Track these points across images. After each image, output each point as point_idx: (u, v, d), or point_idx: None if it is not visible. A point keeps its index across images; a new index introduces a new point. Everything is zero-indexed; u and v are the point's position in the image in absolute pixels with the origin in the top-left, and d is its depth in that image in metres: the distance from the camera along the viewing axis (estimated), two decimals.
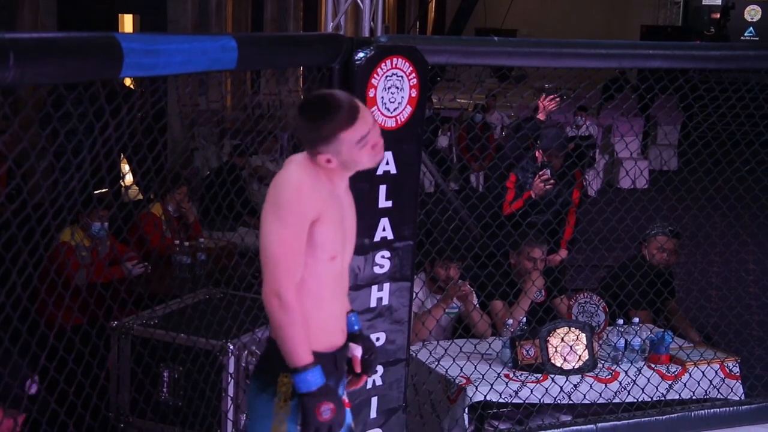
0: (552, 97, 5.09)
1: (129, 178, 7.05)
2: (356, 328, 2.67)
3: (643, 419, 4.18)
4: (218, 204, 3.46)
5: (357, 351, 2.62)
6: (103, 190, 4.94)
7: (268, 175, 8.02)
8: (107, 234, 4.98)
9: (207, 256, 5.19)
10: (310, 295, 2.46)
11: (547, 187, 5.20)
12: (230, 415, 3.36)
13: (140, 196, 6.28)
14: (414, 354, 4.05)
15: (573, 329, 4.19)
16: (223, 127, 9.32)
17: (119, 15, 11.84)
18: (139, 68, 2.35)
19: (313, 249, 2.44)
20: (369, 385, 3.43)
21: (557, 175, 5.35)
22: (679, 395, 4.30)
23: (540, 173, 5.25)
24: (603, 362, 4.27)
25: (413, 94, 3.32)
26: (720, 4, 20.03)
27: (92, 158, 2.63)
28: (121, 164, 6.25)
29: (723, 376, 4.38)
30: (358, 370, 2.64)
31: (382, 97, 3.27)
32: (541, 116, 5.07)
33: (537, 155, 5.43)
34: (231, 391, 3.35)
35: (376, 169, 3.30)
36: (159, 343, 3.41)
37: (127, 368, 3.47)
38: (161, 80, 4.71)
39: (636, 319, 4.43)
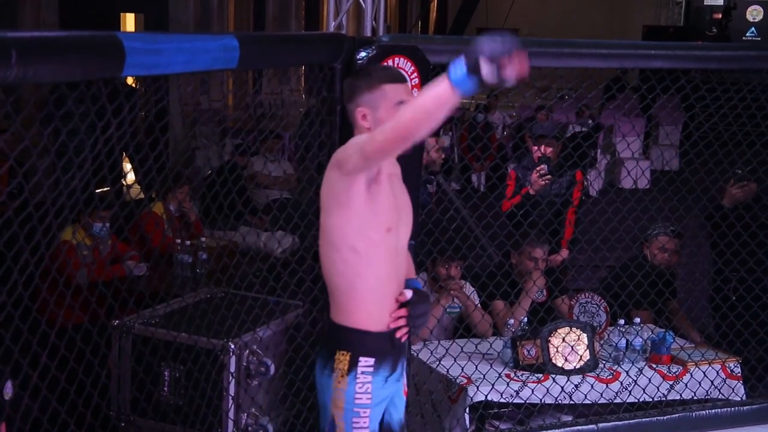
0: (742, 184, 4.79)
1: (131, 177, 7.05)
2: (419, 286, 2.78)
3: (644, 419, 4.18)
4: (220, 203, 3.46)
5: (408, 292, 2.69)
6: (105, 189, 4.94)
7: (265, 180, 8.02)
8: (108, 234, 4.98)
9: (208, 255, 5.20)
10: (369, 270, 2.57)
11: (543, 182, 5.16)
12: (231, 414, 3.36)
13: (142, 195, 6.28)
14: (415, 354, 4.05)
15: (574, 329, 4.18)
16: (225, 127, 9.32)
17: (121, 13, 11.84)
18: (141, 67, 2.35)
19: (371, 215, 2.53)
20: None
21: (556, 171, 5.33)
22: (681, 395, 4.29)
23: (538, 168, 5.21)
24: (604, 362, 4.27)
25: (415, 94, 3.32)
26: (722, 4, 20.00)
27: (94, 157, 2.63)
28: (123, 163, 6.25)
29: (724, 377, 4.38)
30: (402, 299, 2.66)
31: None
32: (726, 202, 4.83)
33: (532, 148, 5.42)
34: (232, 390, 3.35)
35: None
36: (160, 342, 3.41)
37: (128, 367, 3.47)
38: (163, 79, 4.71)
39: (637, 320, 4.43)
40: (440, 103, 2.25)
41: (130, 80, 6.42)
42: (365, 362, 2.60)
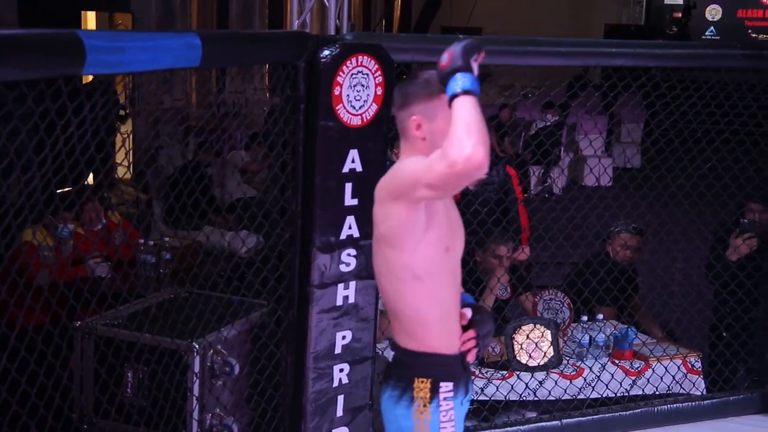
0: (747, 236, 4.69)
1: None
2: (472, 300, 2.70)
3: (607, 415, 4.23)
4: (183, 202, 3.43)
5: (467, 311, 2.60)
6: (66, 190, 4.88)
7: (250, 168, 8.02)
8: (70, 234, 4.93)
9: (172, 255, 5.15)
10: (435, 295, 2.48)
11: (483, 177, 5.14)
12: (195, 414, 3.33)
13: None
14: (380, 352, 4.05)
15: (538, 326, 4.22)
16: (188, 125, 9.26)
17: (82, 12, 11.70)
18: (103, 65, 2.33)
19: (432, 238, 2.43)
20: (335, 383, 3.43)
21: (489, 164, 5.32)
22: (643, 391, 4.35)
23: None
24: (568, 359, 4.31)
25: (379, 92, 3.32)
26: (682, 3, 20.21)
27: (54, 158, 2.60)
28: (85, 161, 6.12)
29: (685, 372, 4.44)
30: (464, 322, 2.58)
31: (348, 95, 3.27)
32: (732, 256, 4.73)
33: None
34: (196, 391, 3.32)
35: (342, 166, 3.30)
36: (123, 342, 3.38)
37: (90, 368, 3.43)
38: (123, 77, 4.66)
39: (600, 316, 4.47)
40: (477, 113, 2.24)
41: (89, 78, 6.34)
42: (446, 387, 2.49)
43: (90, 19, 12.13)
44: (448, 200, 2.56)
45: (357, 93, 3.28)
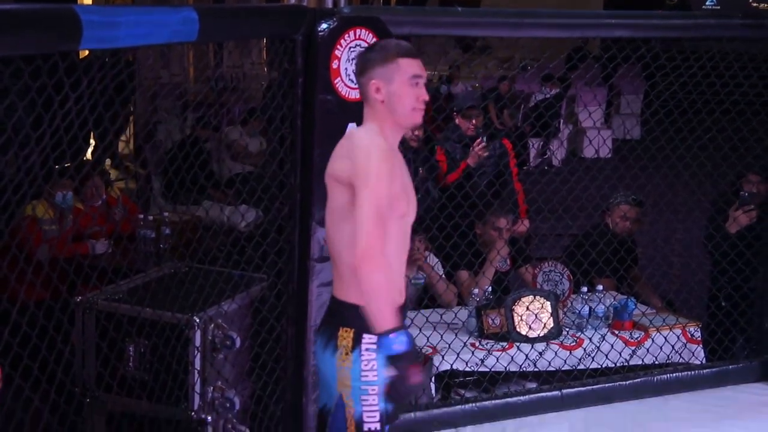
0: (747, 209, 4.55)
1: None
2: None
3: (607, 385, 4.25)
4: (182, 177, 3.43)
5: None
6: (66, 165, 4.88)
7: (242, 151, 7.99)
8: (70, 206, 4.93)
9: (171, 230, 5.15)
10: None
11: (484, 153, 5.19)
12: (197, 388, 3.35)
13: None
14: None
15: (538, 298, 4.23)
16: (186, 100, 9.23)
17: None
18: (99, 41, 2.33)
19: (389, 203, 2.55)
20: None
21: (487, 138, 5.36)
22: (642, 360, 4.37)
23: (477, 141, 5.22)
24: (567, 329, 4.33)
25: None
26: None
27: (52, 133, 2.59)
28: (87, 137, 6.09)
29: (685, 341, 4.46)
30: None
31: (346, 69, 3.26)
32: (731, 228, 4.69)
33: (462, 122, 5.42)
34: (197, 364, 3.34)
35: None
36: (124, 317, 3.39)
37: (92, 343, 3.45)
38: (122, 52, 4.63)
39: (600, 287, 4.48)
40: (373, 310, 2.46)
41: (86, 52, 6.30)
42: (368, 339, 2.57)
43: None
44: (406, 175, 2.71)
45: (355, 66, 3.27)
